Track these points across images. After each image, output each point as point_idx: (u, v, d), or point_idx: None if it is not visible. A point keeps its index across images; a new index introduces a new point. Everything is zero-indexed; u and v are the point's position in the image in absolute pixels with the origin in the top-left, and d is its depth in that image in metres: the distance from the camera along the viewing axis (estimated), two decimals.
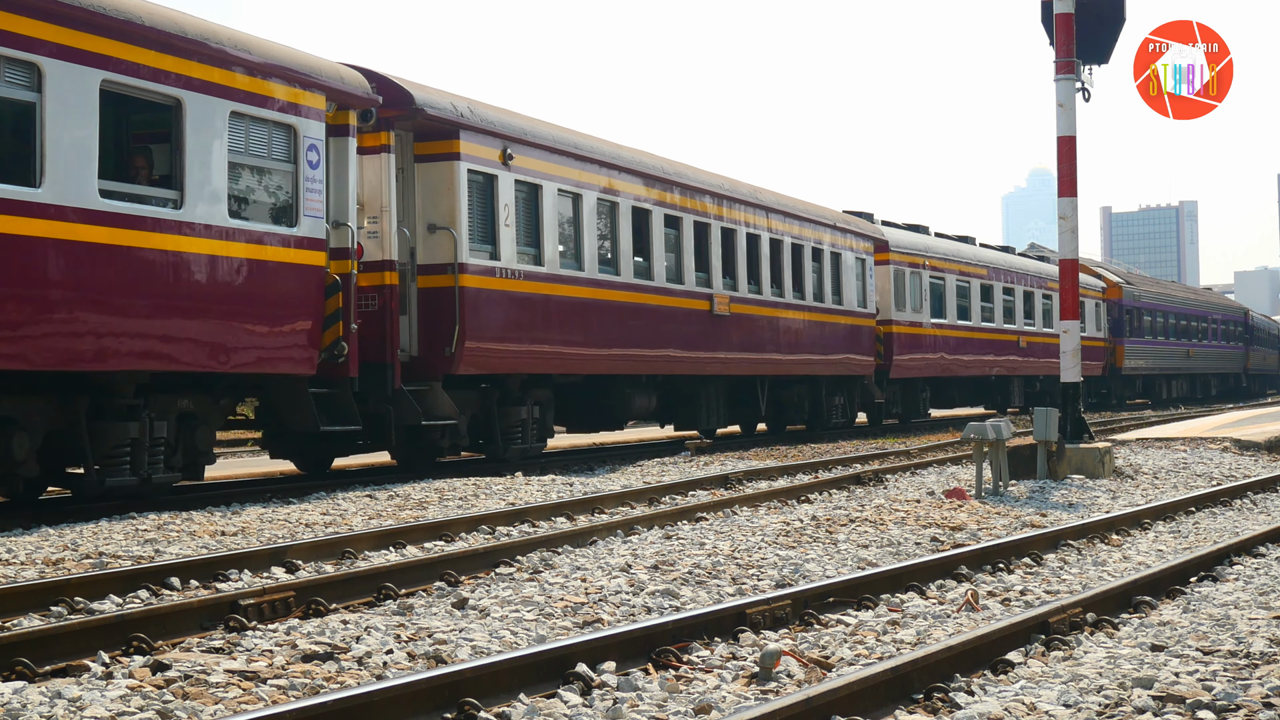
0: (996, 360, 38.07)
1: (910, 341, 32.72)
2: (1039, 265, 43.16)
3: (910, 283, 32.95)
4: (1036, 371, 41.28)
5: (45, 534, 11.14)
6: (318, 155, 15.17)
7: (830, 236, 29.07)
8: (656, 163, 22.84)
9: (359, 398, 16.03)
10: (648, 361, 21.95)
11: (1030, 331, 40.66)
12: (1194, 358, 59.17)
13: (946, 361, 34.70)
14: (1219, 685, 5.93)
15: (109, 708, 5.65)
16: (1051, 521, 12.88)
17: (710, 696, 5.92)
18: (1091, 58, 18.97)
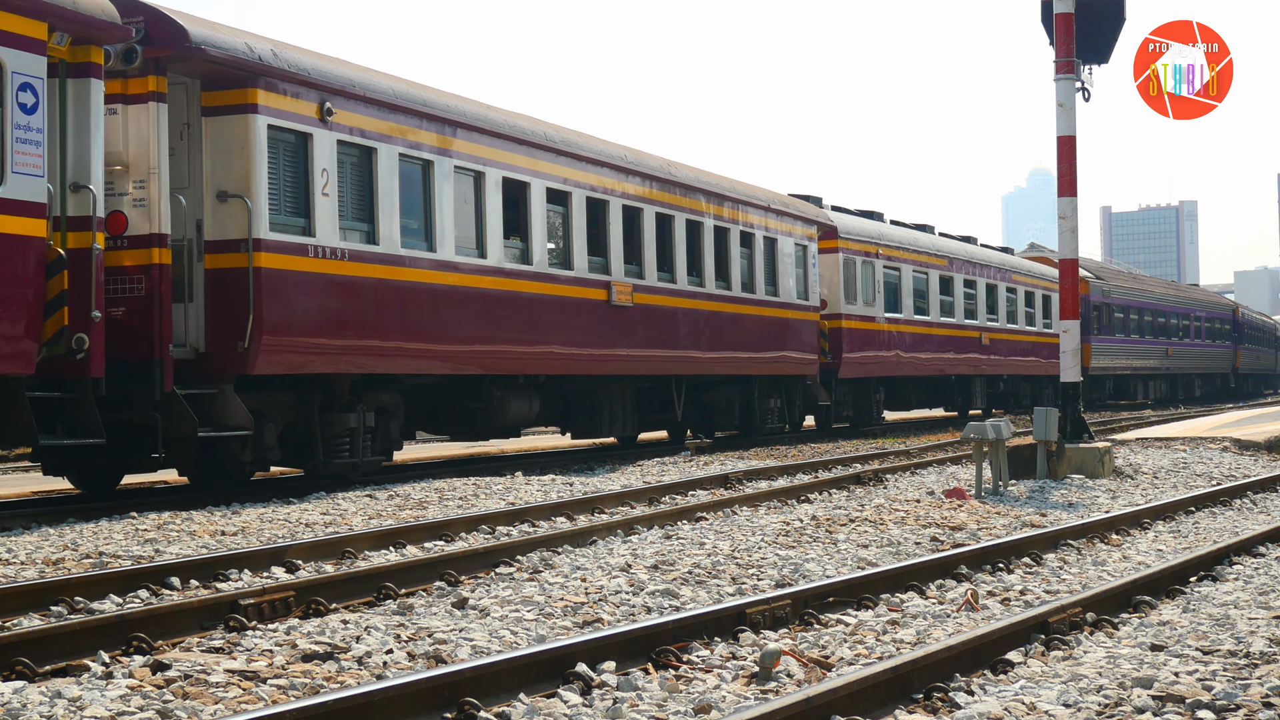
0: (957, 359, 35.24)
1: (861, 338, 30.03)
2: (1003, 257, 40.68)
3: (862, 273, 30.19)
4: (1000, 370, 38.72)
5: (45, 534, 11.15)
6: (34, 98, 12.21)
7: (764, 219, 25.88)
8: (538, 129, 19.59)
9: (117, 404, 13.30)
10: (524, 359, 18.93)
11: (993, 328, 37.80)
12: (1174, 357, 55.85)
13: (902, 360, 31.95)
14: (1219, 685, 5.93)
15: (109, 707, 5.65)
16: (1051, 521, 12.88)
17: (710, 696, 5.92)
18: (1091, 58, 18.97)
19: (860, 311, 29.97)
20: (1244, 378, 70.51)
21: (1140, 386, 52.85)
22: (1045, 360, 41.18)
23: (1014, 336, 39.41)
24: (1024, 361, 40.45)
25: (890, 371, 31.61)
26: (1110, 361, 47.55)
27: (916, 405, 36.16)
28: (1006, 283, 39.32)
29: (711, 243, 24.01)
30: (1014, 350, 39.31)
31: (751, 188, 26.48)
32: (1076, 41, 18.68)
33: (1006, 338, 38.61)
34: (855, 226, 30.58)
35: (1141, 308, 52.20)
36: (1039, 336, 41.48)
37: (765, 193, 26.76)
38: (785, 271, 26.51)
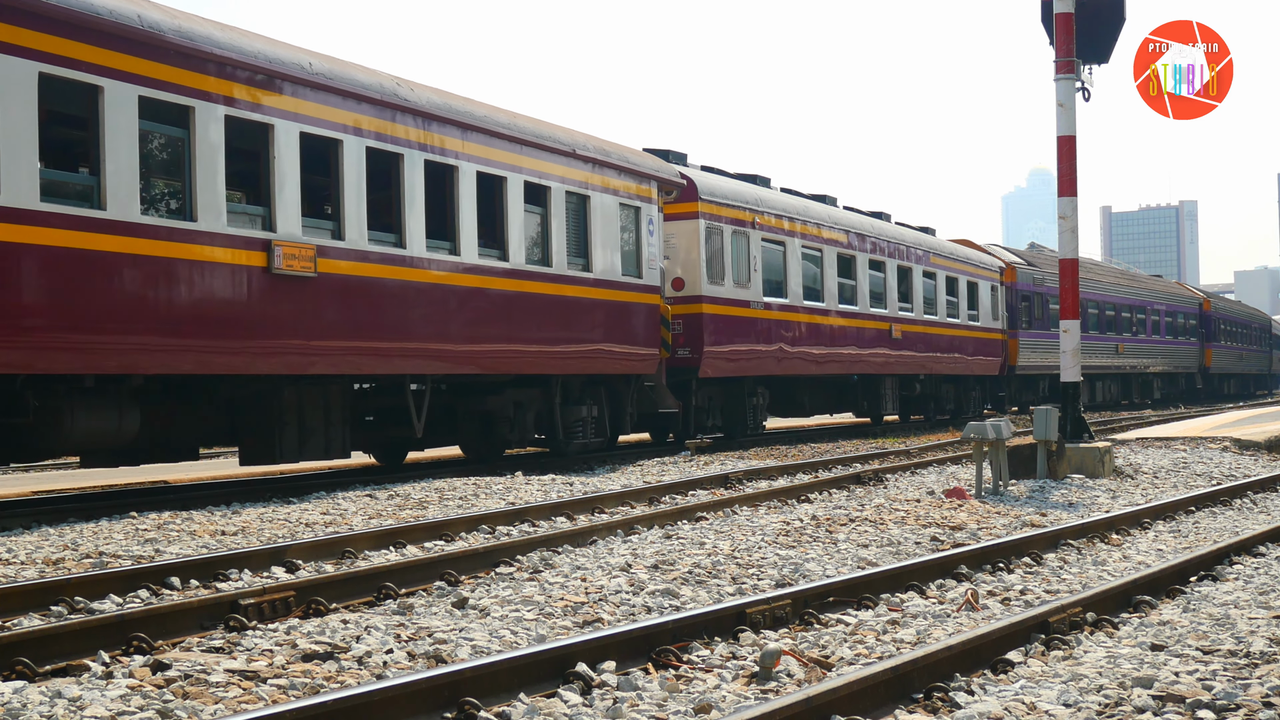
0: (860, 355, 29.54)
1: (731, 327, 24.15)
2: (920, 236, 34.19)
3: (733, 247, 24.35)
4: (915, 369, 32.77)
5: (45, 534, 11.15)
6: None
7: (567, 169, 19.76)
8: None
9: None
10: (101, 351, 12.99)
11: (908, 319, 32.07)
12: (1126, 354, 49.52)
13: (788, 355, 26.22)
14: (1219, 685, 5.93)
15: (109, 707, 5.65)
16: (1051, 521, 12.88)
17: (710, 696, 5.92)
18: (1091, 58, 18.97)
19: (729, 294, 24.15)
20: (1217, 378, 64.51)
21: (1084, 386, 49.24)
22: (970, 358, 36.29)
23: (934, 330, 33.74)
24: (946, 359, 34.64)
25: (772, 369, 25.77)
26: (1041, 359, 41.32)
27: (813, 410, 30.17)
28: (924, 266, 33.52)
29: (473, 195, 17.79)
30: (933, 345, 33.65)
31: (551, 126, 19.97)
32: (1076, 41, 18.68)
33: (924, 331, 33.02)
34: (723, 189, 24.50)
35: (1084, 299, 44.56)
36: (964, 330, 35.97)
37: (572, 134, 20.32)
38: (605, 239, 20.62)
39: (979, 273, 37.42)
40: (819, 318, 27.81)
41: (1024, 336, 40.09)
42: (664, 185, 22.50)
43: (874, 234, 30.79)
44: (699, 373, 23.33)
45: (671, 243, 23.16)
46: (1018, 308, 39.99)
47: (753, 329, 25.03)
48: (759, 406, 26.29)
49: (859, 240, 29.91)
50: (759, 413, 26.35)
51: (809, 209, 27.99)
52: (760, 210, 25.57)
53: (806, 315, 27.25)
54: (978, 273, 37.28)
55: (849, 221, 29.82)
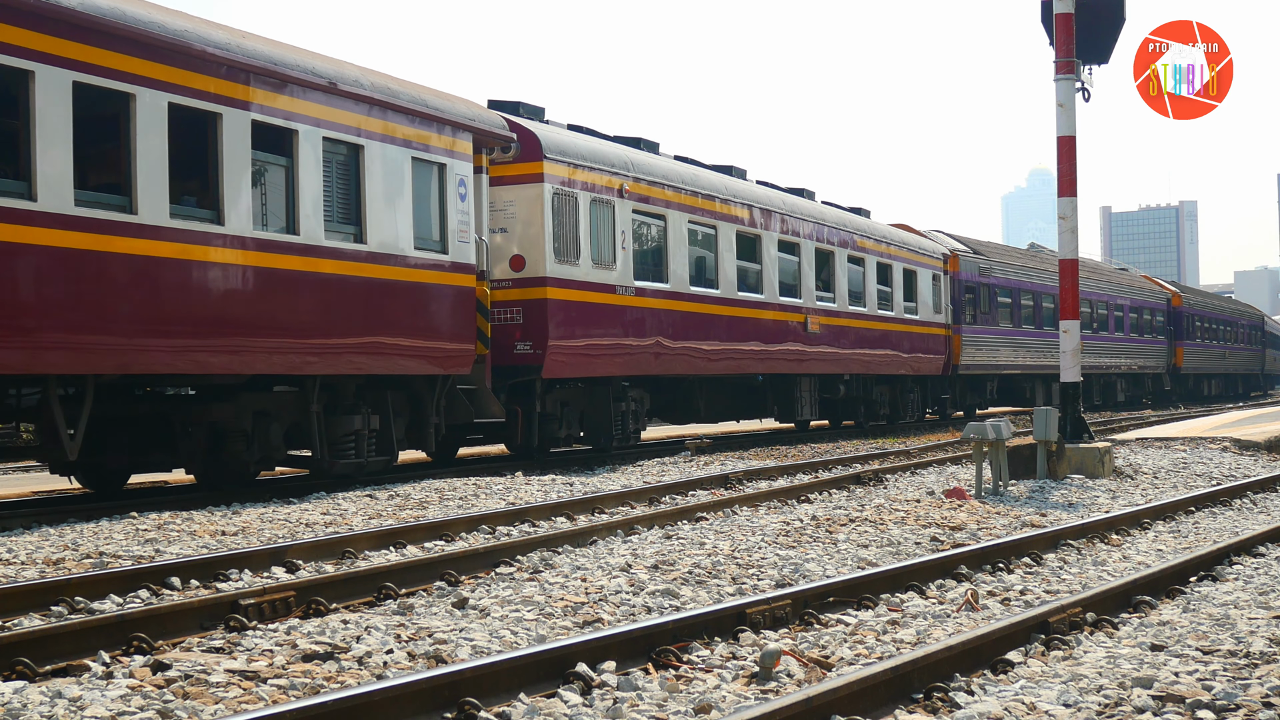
0: (767, 351, 25.08)
1: (588, 317, 19.89)
2: (843, 215, 29.79)
3: (592, 219, 20.05)
4: (838, 368, 28.51)
5: (45, 534, 11.15)
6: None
7: (330, 111, 15.21)
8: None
9: None
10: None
11: (827, 310, 27.83)
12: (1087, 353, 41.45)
13: (668, 351, 21.74)
14: (1219, 685, 5.93)
15: (109, 707, 5.65)
16: (1051, 521, 12.88)
17: (710, 696, 5.92)
18: (1091, 58, 18.98)
19: (586, 276, 19.89)
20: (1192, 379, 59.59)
21: (1034, 388, 41.64)
22: (907, 355, 31.92)
23: (862, 323, 29.55)
24: (877, 357, 30.37)
25: (649, 368, 21.46)
26: (987, 357, 37.07)
27: (712, 416, 25.84)
28: (850, 250, 29.20)
29: (163, 134, 13.37)
30: (862, 341, 29.48)
31: (299, 51, 15.41)
32: (1076, 41, 18.68)
33: (849, 324, 28.86)
34: (578, 148, 20.04)
35: (1037, 292, 41.01)
36: (900, 324, 31.67)
37: (339, 65, 15.87)
38: (386, 202, 16.09)
39: (918, 259, 33.08)
40: (712, 307, 23.28)
41: (968, 332, 35.63)
42: (486, 139, 18.13)
43: (786, 211, 26.39)
44: (542, 372, 18.93)
45: (508, 212, 18.93)
46: (961, 300, 35.42)
47: (620, 319, 20.65)
48: (633, 412, 21.66)
49: (765, 217, 25.46)
50: (633, 419, 21.67)
51: (699, 178, 23.38)
52: (632, 176, 21.04)
53: (694, 304, 22.70)
54: (916, 259, 32.95)
55: (752, 195, 25.36)
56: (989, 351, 36.98)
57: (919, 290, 32.98)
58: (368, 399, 16.34)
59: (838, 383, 29.28)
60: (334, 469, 15.67)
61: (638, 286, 21.20)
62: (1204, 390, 62.15)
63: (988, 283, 37.36)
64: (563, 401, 20.27)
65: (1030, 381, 41.07)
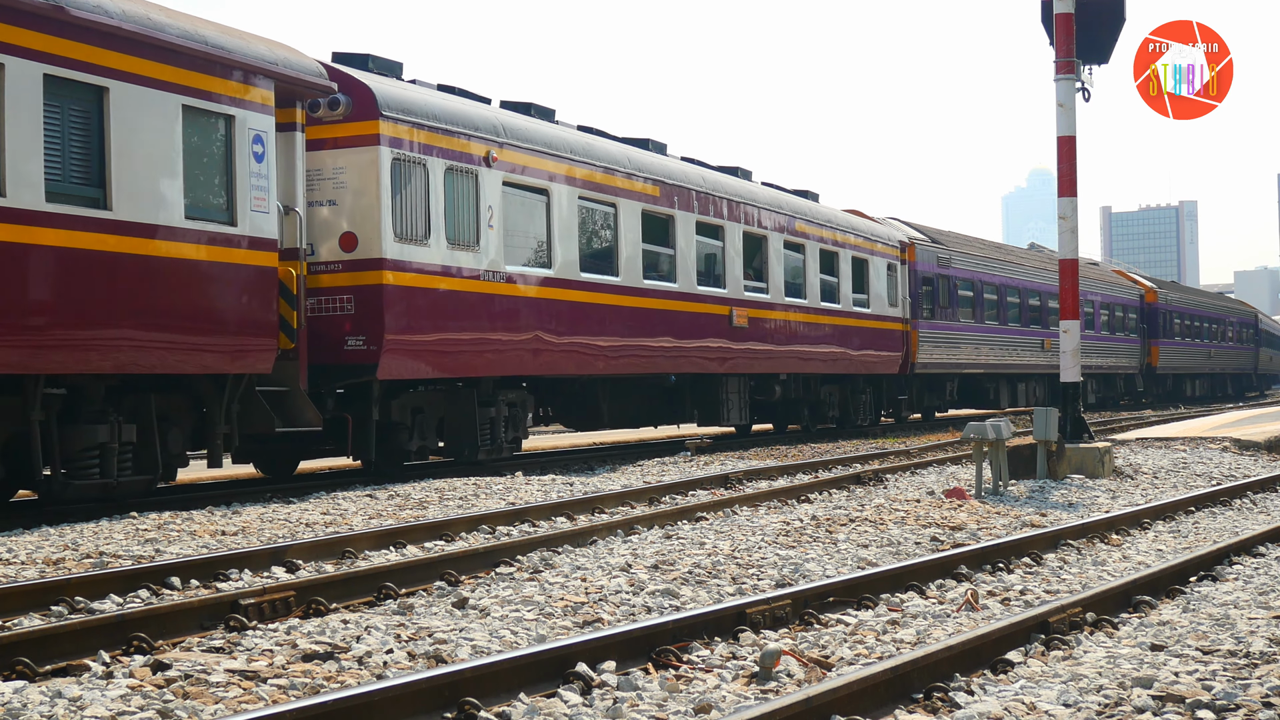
0: (681, 348, 22.00)
1: (440, 307, 16.75)
2: (777, 196, 26.44)
3: (448, 192, 16.92)
4: (773, 367, 25.39)
5: (45, 534, 11.15)
6: None
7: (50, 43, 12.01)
8: None
9: None
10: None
11: (758, 301, 24.69)
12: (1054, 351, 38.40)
13: (551, 348, 18.68)
14: (1219, 685, 5.93)
15: (109, 707, 5.65)
16: (1051, 521, 12.88)
17: (710, 696, 5.92)
18: (1091, 58, 18.98)
19: (438, 259, 16.74)
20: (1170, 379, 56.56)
21: (998, 388, 38.40)
22: (856, 353, 28.82)
23: (801, 316, 26.43)
24: (821, 354, 27.27)
25: (523, 367, 18.31)
26: (946, 355, 33.88)
27: (617, 421, 22.56)
28: (787, 235, 26.04)
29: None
30: (800, 336, 26.37)
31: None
32: (1076, 41, 18.69)
33: (786, 318, 25.69)
34: (428, 106, 16.84)
35: (1001, 285, 37.94)
36: (849, 318, 28.70)
37: None
38: (145, 160, 13.04)
39: (869, 247, 29.98)
40: (609, 297, 20.23)
41: (925, 328, 32.53)
42: (297, 89, 14.98)
43: (706, 189, 23.17)
44: (378, 371, 15.80)
45: (338, 181, 15.92)
46: (919, 293, 32.45)
47: (485, 310, 17.53)
48: (508, 418, 18.50)
49: (681, 196, 22.25)
50: (508, 426, 18.49)
51: (593, 148, 20.15)
52: (501, 142, 17.86)
53: (587, 293, 19.66)
54: (868, 247, 29.85)
55: (663, 170, 21.98)
56: (949, 349, 33.93)
57: (870, 281, 29.92)
58: (124, 404, 13.28)
59: (773, 383, 26.07)
60: (67, 493, 12.63)
61: (510, 272, 18.05)
62: (1186, 391, 59.13)
63: (948, 274, 34.28)
64: (414, 407, 17.11)
65: (994, 382, 38.15)
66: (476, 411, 17.75)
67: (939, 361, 33.27)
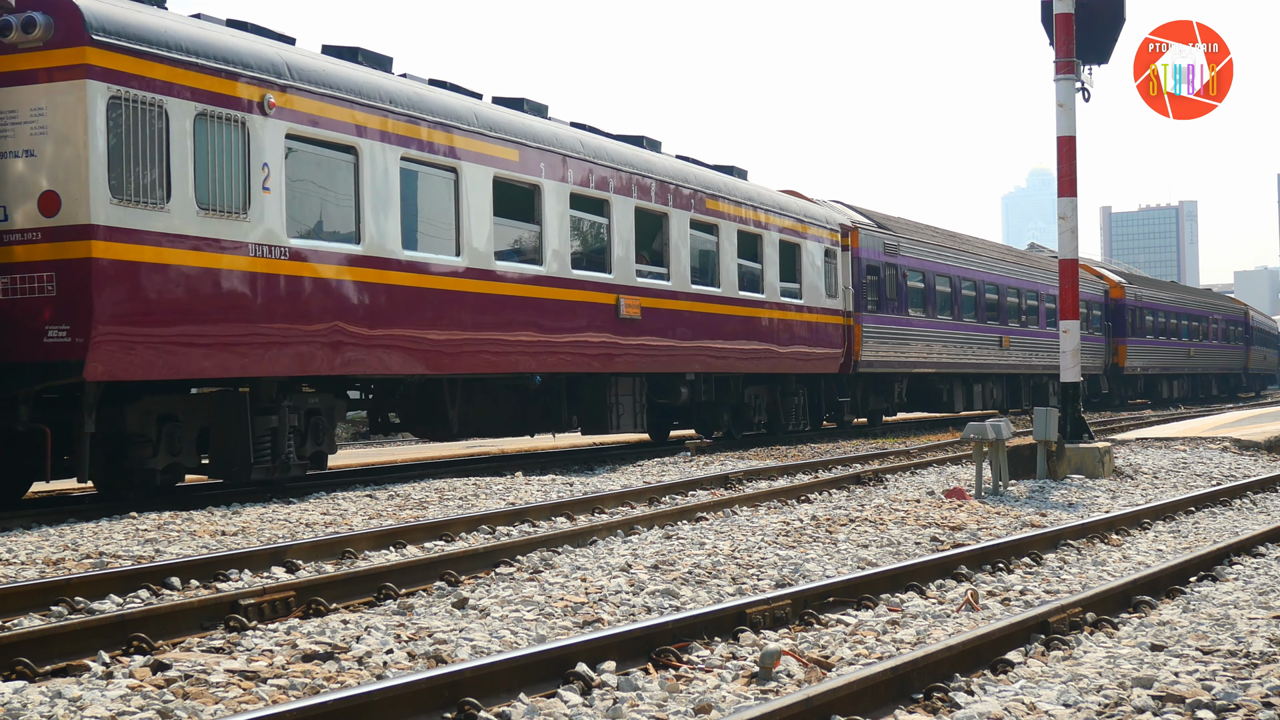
0: (547, 344, 18.60)
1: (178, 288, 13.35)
2: (680, 167, 22.69)
3: (197, 142, 13.44)
4: (671, 366, 21.86)
5: (45, 534, 11.15)
6: None
7: None
8: None
9: None
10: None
11: (652, 289, 21.17)
12: (1013, 349, 38.08)
13: (359, 341, 15.26)
14: (1219, 685, 5.93)
15: (109, 707, 5.65)
16: (1051, 521, 12.88)
17: (710, 696, 5.92)
18: (1091, 58, 18.99)
19: (182, 227, 13.34)
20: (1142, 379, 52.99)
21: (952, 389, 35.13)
22: (786, 350, 25.46)
23: (712, 307, 22.98)
24: (737, 350, 23.79)
25: (316, 365, 14.79)
26: (894, 353, 30.72)
27: (468, 430, 19.30)
28: (695, 213, 22.56)
29: None
30: (711, 330, 22.90)
31: None
32: (1076, 42, 18.69)
33: (691, 308, 22.27)
34: (174, 35, 13.39)
35: (956, 276, 34.54)
36: (774, 310, 25.18)
37: None
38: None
39: (802, 230, 26.61)
40: (444, 281, 16.84)
41: (870, 322, 29.37)
42: None
43: (585, 156, 19.70)
44: (85, 370, 12.51)
45: (37, 124, 12.57)
46: (863, 283, 29.29)
47: (257, 294, 14.02)
48: (305, 429, 15.25)
49: (550, 163, 18.76)
50: (299, 439, 15.17)
51: (423, 99, 16.64)
52: (285, 84, 14.33)
53: (410, 275, 16.20)
54: (800, 230, 26.49)
55: (526, 131, 18.42)
56: (897, 346, 30.74)
57: (803, 269, 26.53)
58: None
59: (678, 384, 22.59)
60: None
61: (297, 247, 14.51)
62: (1161, 392, 55.40)
63: (896, 263, 30.96)
64: (163, 415, 13.77)
65: (947, 382, 34.67)
66: (250, 421, 14.24)
67: (886, 360, 30.23)
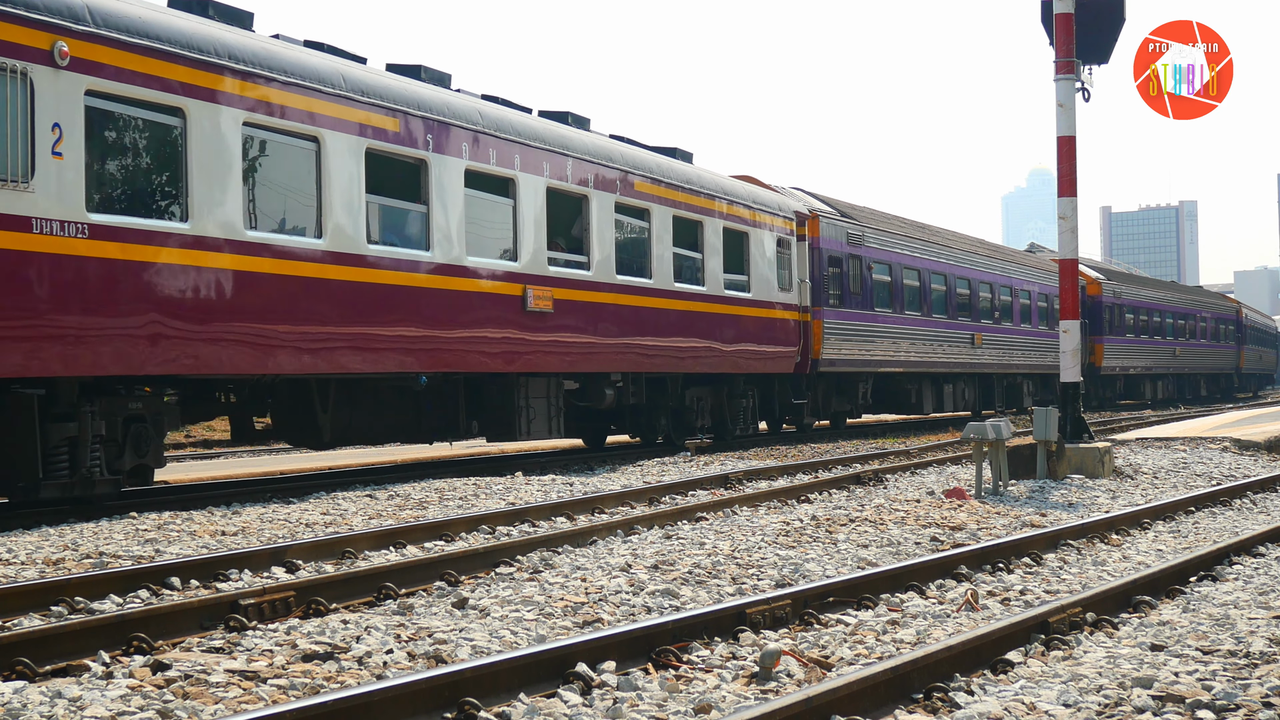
0: (434, 339, 16.36)
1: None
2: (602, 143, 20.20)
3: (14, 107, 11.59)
4: (593, 365, 19.59)
5: (45, 534, 11.15)
6: None
7: None
8: None
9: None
10: None
11: (567, 279, 18.92)
12: (984, 347, 35.62)
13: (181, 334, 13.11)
14: (1218, 685, 5.93)
15: (109, 707, 5.65)
16: (1051, 521, 12.88)
17: (710, 696, 5.92)
18: (1091, 58, 18.99)
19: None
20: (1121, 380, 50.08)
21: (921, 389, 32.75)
22: (731, 347, 23.11)
23: (641, 300, 20.67)
24: (675, 348, 21.55)
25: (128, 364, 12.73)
26: (859, 351, 28.53)
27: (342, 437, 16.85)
28: (621, 195, 20.16)
29: None
30: (642, 326, 20.63)
31: None
32: (1076, 41, 18.69)
33: (616, 301, 19.98)
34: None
35: (925, 269, 32.49)
36: (718, 304, 22.86)
37: None
38: None
39: (750, 218, 24.35)
40: (299, 266, 14.61)
41: (832, 318, 27.24)
42: None
43: (484, 127, 17.28)
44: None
45: None
46: (824, 276, 27.10)
47: (39, 278, 11.90)
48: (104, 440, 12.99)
49: (439, 134, 16.47)
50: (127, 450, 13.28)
51: (272, 55, 14.39)
52: (84, 32, 12.29)
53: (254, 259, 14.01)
54: (748, 218, 24.24)
55: (404, 95, 16.07)
56: (861, 343, 28.52)
57: (752, 259, 24.26)
58: None
59: (603, 386, 20.30)
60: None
61: (99, 223, 12.38)
62: (1144, 393, 52.35)
63: (860, 254, 28.73)
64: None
65: (916, 382, 32.29)
66: (38, 430, 12.23)
67: (849, 358, 28.01)
